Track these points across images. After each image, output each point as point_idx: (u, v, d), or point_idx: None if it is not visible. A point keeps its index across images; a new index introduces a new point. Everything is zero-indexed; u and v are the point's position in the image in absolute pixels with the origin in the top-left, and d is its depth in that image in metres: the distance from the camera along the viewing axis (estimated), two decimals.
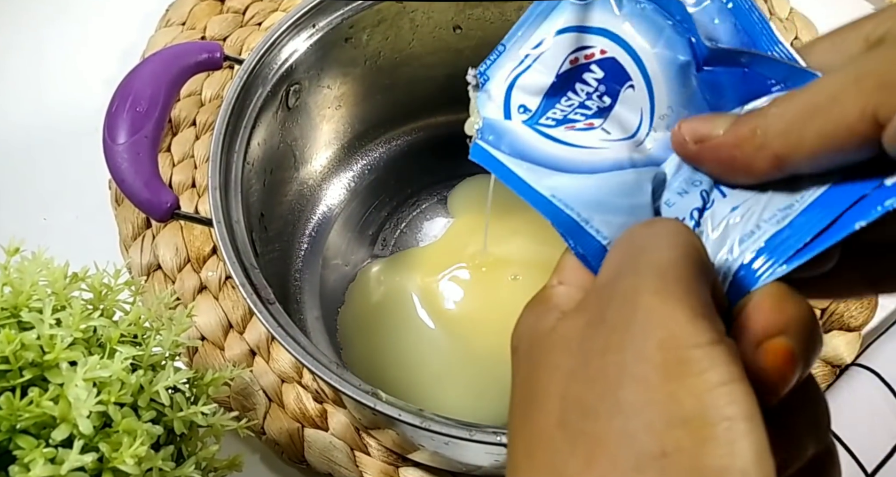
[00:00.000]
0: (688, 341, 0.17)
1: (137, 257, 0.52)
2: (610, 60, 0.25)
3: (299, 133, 0.48)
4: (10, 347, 0.27)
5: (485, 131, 0.25)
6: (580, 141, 0.25)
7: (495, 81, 0.26)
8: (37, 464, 0.25)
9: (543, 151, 0.24)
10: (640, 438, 0.17)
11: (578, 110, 0.26)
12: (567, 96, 0.26)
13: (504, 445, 0.32)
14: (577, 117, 0.26)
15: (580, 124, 0.25)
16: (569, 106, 0.26)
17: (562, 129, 0.25)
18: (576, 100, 0.26)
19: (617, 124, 0.25)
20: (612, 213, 0.23)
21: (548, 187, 0.23)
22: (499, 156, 0.25)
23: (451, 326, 0.49)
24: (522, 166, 0.24)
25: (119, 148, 0.38)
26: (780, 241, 0.21)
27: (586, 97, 0.26)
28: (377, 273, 0.52)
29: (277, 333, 0.34)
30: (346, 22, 0.45)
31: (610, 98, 0.26)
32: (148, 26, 0.62)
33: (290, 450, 0.46)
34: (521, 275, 0.50)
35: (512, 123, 0.26)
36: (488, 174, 0.25)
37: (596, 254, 0.22)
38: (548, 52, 0.26)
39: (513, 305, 0.48)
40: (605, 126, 0.25)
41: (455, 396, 0.47)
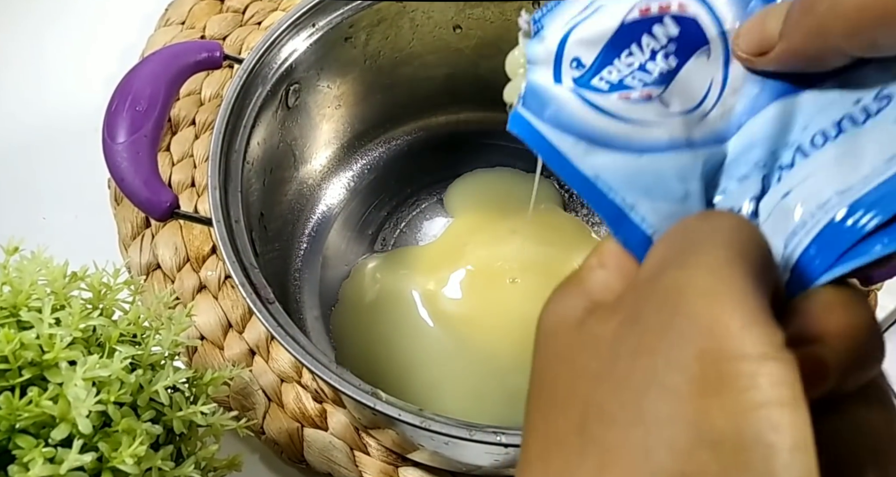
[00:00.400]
0: (734, 352, 0.15)
1: (137, 257, 0.52)
2: (688, 20, 0.22)
3: (299, 132, 0.48)
4: (9, 346, 0.27)
5: (527, 98, 0.22)
6: (634, 114, 0.22)
7: (551, 29, 0.23)
8: (36, 463, 0.25)
9: (591, 125, 0.22)
10: (658, 454, 0.15)
11: (638, 74, 0.23)
12: (629, 51, 0.23)
13: (504, 445, 0.32)
14: (634, 83, 0.23)
15: (636, 93, 0.22)
16: (628, 65, 0.23)
17: (614, 97, 0.22)
18: (638, 57, 0.23)
19: (679, 94, 0.23)
20: (661, 200, 0.21)
21: (591, 166, 0.21)
22: (540, 127, 0.22)
23: (449, 327, 0.49)
24: (566, 141, 0.21)
25: (118, 147, 0.38)
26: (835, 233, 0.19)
27: (650, 56, 0.23)
28: (372, 271, 0.51)
29: (277, 332, 0.34)
30: (346, 21, 0.45)
31: (677, 59, 0.23)
32: (147, 25, 0.62)
33: (290, 450, 0.46)
34: (520, 276, 0.50)
35: (559, 90, 0.23)
36: (484, 170, 0.23)
37: (639, 245, 0.20)
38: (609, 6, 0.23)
39: (511, 306, 0.49)
40: (663, 96, 0.23)
41: (451, 398, 0.46)
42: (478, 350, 0.48)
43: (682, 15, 0.22)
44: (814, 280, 0.19)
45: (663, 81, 0.23)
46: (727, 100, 0.22)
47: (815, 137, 0.21)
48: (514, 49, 0.24)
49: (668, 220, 0.20)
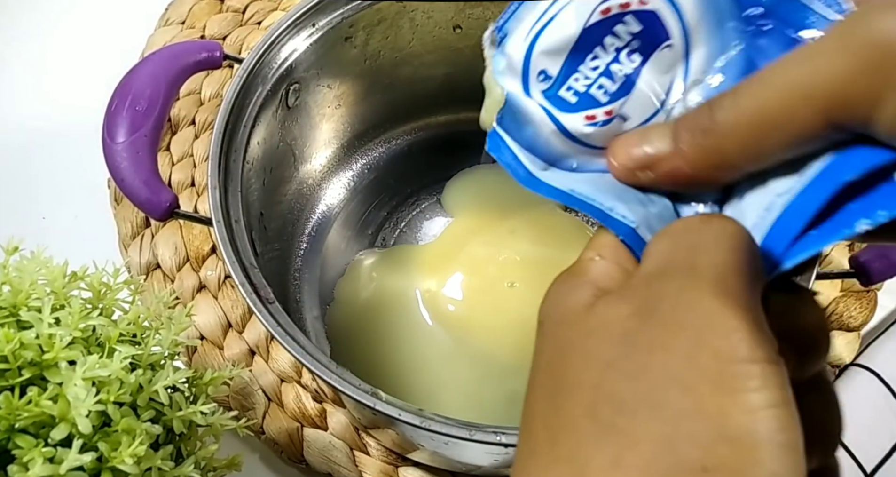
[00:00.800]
0: (746, 355, 0.16)
1: (136, 256, 0.52)
2: (649, 14, 0.22)
3: (299, 132, 0.48)
4: (9, 346, 0.27)
5: (505, 117, 0.23)
6: (597, 140, 0.23)
7: (514, 39, 0.23)
8: (36, 463, 0.25)
9: (561, 150, 0.23)
10: (680, 447, 0.16)
11: (602, 81, 0.23)
12: (594, 54, 0.23)
13: (504, 445, 0.32)
14: (599, 95, 0.23)
15: (600, 113, 0.23)
16: (594, 68, 0.23)
17: (581, 118, 0.23)
18: (602, 59, 0.23)
19: (638, 104, 0.23)
20: (633, 203, 0.22)
21: (564, 184, 0.23)
22: (515, 150, 0.23)
23: (447, 328, 0.49)
24: (538, 164, 0.23)
25: (118, 147, 0.38)
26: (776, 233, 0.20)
27: (614, 56, 0.23)
28: (368, 269, 0.51)
29: (277, 332, 0.34)
30: (346, 21, 0.45)
31: (641, 56, 0.23)
32: (147, 25, 0.62)
33: (290, 449, 0.46)
34: (518, 277, 0.50)
35: (533, 109, 0.23)
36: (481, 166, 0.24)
37: (629, 236, 0.21)
38: (575, 1, 0.23)
39: (508, 308, 0.49)
40: (623, 110, 0.23)
41: (449, 400, 0.46)
42: (476, 352, 0.48)
43: (643, 9, 0.22)
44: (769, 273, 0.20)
45: (625, 91, 0.23)
46: (688, 97, 0.23)
47: None
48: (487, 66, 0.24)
49: (647, 218, 0.22)
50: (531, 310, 0.22)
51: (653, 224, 0.22)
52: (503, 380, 0.47)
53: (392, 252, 0.52)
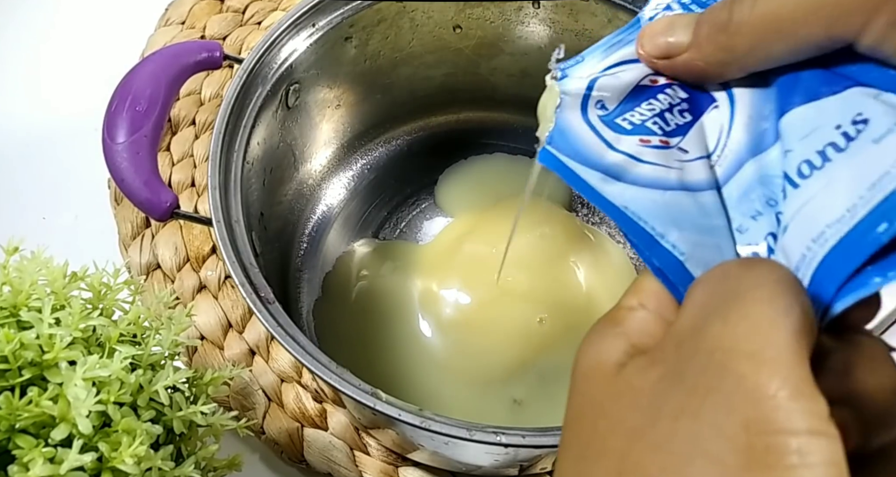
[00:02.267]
0: (782, 426, 0.15)
1: (137, 257, 0.52)
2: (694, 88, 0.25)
3: (299, 132, 0.48)
4: (9, 346, 0.27)
5: (555, 137, 0.24)
6: (653, 158, 0.23)
7: (573, 79, 0.25)
8: (36, 463, 0.25)
9: (615, 163, 0.23)
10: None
11: (657, 119, 0.24)
12: (649, 102, 0.25)
13: (504, 445, 0.32)
14: (654, 129, 0.24)
15: (655, 140, 0.24)
16: (649, 111, 0.25)
17: (635, 140, 0.24)
18: (657, 106, 0.25)
19: (696, 141, 0.24)
20: (689, 231, 0.21)
21: (619, 198, 0.22)
22: (568, 162, 0.23)
23: (443, 328, 0.48)
24: (593, 175, 0.23)
25: (118, 147, 0.38)
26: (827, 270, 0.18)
27: (668, 106, 0.25)
28: (360, 264, 0.51)
29: (277, 332, 0.34)
30: (346, 21, 0.45)
31: (692, 115, 0.25)
32: (147, 25, 0.62)
33: (290, 449, 0.46)
34: (518, 278, 0.50)
35: (584, 132, 0.24)
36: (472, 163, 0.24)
37: (674, 269, 0.21)
38: (629, 67, 0.25)
39: (509, 309, 0.48)
40: (682, 145, 0.24)
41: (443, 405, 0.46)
42: (474, 355, 0.48)
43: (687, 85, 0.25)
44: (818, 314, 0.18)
45: (681, 132, 0.24)
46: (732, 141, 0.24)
47: (801, 167, 0.21)
48: (543, 94, 0.26)
49: (698, 248, 0.21)
50: (531, 311, 0.21)
51: (706, 257, 0.21)
52: (503, 387, 0.46)
53: (386, 248, 0.52)
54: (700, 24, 0.23)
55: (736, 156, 0.23)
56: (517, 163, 0.55)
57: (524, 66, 0.52)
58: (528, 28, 0.49)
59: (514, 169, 0.55)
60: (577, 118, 0.24)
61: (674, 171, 0.23)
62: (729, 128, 0.24)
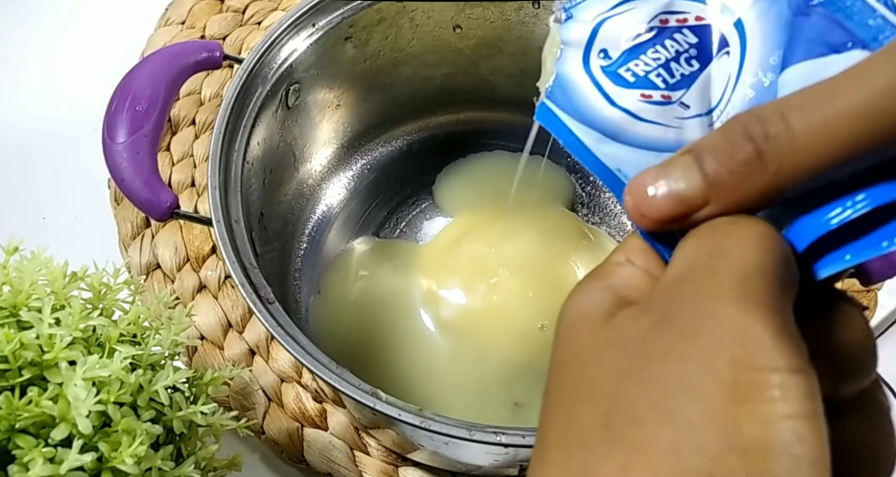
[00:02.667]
0: (765, 363, 0.16)
1: (137, 257, 0.52)
2: (706, 28, 0.23)
3: (299, 132, 0.48)
4: (9, 346, 0.27)
5: (554, 91, 0.23)
6: (653, 116, 0.23)
7: (580, 20, 0.24)
8: (36, 463, 0.25)
9: (613, 121, 0.23)
10: (688, 456, 0.15)
11: (661, 71, 0.23)
12: (655, 49, 0.23)
13: (504, 445, 0.32)
14: (657, 82, 0.23)
15: (657, 94, 0.23)
16: (654, 60, 0.23)
17: (636, 95, 0.23)
18: (663, 55, 0.23)
19: (699, 95, 0.23)
20: None
21: (614, 159, 0.22)
22: (565, 119, 0.23)
23: (443, 328, 0.48)
24: (590, 134, 0.22)
25: (118, 147, 0.38)
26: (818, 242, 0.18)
27: (674, 55, 0.23)
28: (356, 263, 0.51)
29: (277, 332, 0.34)
30: (346, 21, 0.45)
31: (699, 63, 0.23)
32: (147, 25, 0.62)
33: (290, 449, 0.46)
34: (518, 277, 0.50)
35: (586, 86, 0.23)
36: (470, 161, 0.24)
37: (663, 237, 0.21)
38: (638, 7, 0.24)
39: (509, 310, 0.48)
40: (684, 99, 0.23)
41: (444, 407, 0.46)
42: (477, 355, 0.47)
43: (699, 24, 0.23)
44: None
45: (685, 84, 0.23)
46: (738, 94, 0.23)
47: None
48: (548, 37, 0.25)
49: None
50: (531, 314, 0.21)
51: None
52: (503, 389, 0.46)
53: (385, 247, 0.52)
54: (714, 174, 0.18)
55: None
56: (517, 160, 0.55)
57: (524, 66, 0.52)
58: (528, 28, 0.49)
59: (514, 166, 0.55)
60: (578, 69, 0.23)
61: (672, 130, 0.22)
62: (736, 79, 0.23)
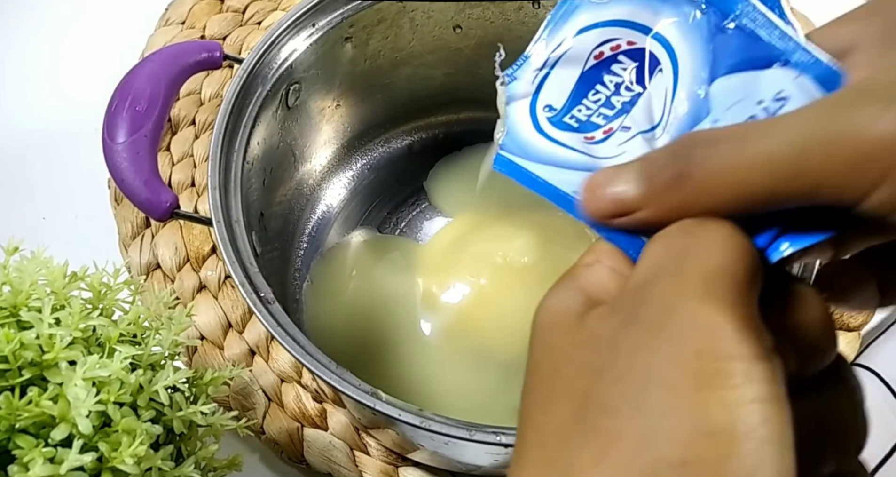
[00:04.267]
0: (728, 353, 0.16)
1: (137, 257, 0.52)
2: (639, 51, 0.25)
3: (299, 132, 0.48)
4: (9, 346, 0.27)
5: (506, 142, 0.26)
6: (599, 152, 0.25)
7: (522, 82, 0.27)
8: (36, 463, 0.25)
9: (564, 157, 0.25)
10: (659, 442, 0.16)
11: (602, 110, 0.25)
12: (595, 90, 0.26)
13: (504, 445, 0.32)
14: (599, 121, 0.25)
15: (599, 132, 0.25)
16: (595, 101, 0.26)
17: (581, 139, 0.25)
18: (603, 93, 0.25)
19: (641, 113, 0.25)
20: None
21: (569, 184, 0.24)
22: (520, 162, 0.25)
23: (438, 333, 0.48)
24: (545, 169, 0.24)
25: (118, 147, 0.38)
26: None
27: (614, 90, 0.25)
28: (353, 257, 0.51)
29: (277, 332, 0.34)
30: (346, 21, 0.45)
31: (639, 85, 0.25)
32: (147, 25, 0.62)
33: (290, 449, 0.46)
34: (519, 277, 0.50)
35: (532, 135, 0.26)
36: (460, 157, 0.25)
37: (630, 244, 0.22)
38: (571, 51, 0.26)
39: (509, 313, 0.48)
40: (625, 123, 0.25)
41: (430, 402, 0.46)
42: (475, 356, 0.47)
43: (631, 48, 0.25)
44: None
45: (625, 110, 0.25)
46: (677, 108, 0.24)
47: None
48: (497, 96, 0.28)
49: None
50: (531, 317, 0.22)
51: None
52: (504, 395, 0.46)
53: (384, 243, 0.52)
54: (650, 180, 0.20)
55: (678, 127, 0.23)
56: None
57: None
58: (528, 28, 0.49)
59: None
60: (526, 122, 0.26)
61: (618, 159, 0.24)
62: (673, 94, 0.24)
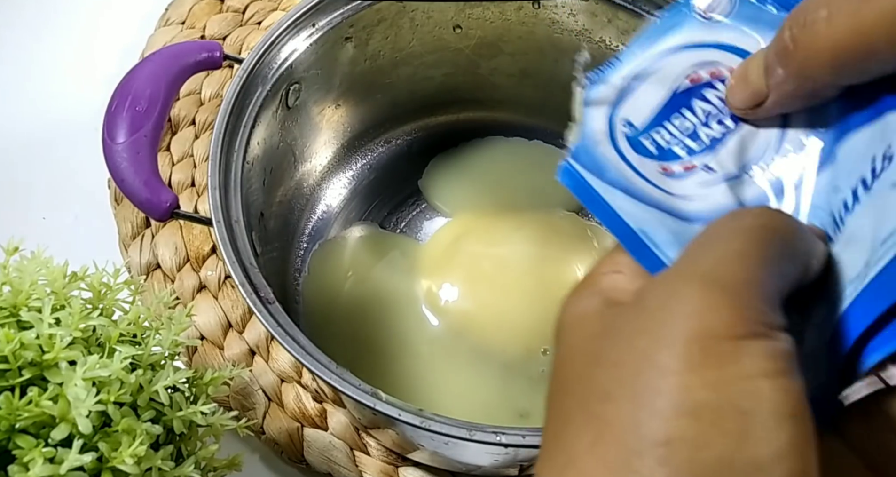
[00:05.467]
0: (723, 332, 0.17)
1: (137, 257, 0.52)
2: None
3: (299, 132, 0.48)
4: (9, 346, 0.27)
5: (578, 152, 0.23)
6: (674, 188, 0.23)
7: (604, 87, 0.24)
8: (36, 463, 0.25)
9: (636, 186, 0.22)
10: (646, 423, 0.17)
11: (687, 142, 0.23)
12: (682, 115, 0.23)
13: (504, 445, 0.32)
14: (681, 152, 0.23)
15: (678, 166, 0.23)
16: (680, 128, 0.23)
17: (656, 167, 0.23)
18: (691, 122, 0.23)
19: (731, 155, 0.23)
20: None
21: (637, 221, 0.21)
22: (590, 179, 0.22)
23: (434, 327, 0.48)
24: (614, 194, 0.22)
25: (118, 147, 0.38)
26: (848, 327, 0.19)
27: (704, 119, 0.23)
28: (351, 252, 0.51)
29: (277, 332, 0.34)
30: (346, 21, 0.45)
31: (734, 121, 0.23)
32: (147, 25, 0.62)
33: (290, 449, 0.46)
34: (519, 277, 0.49)
35: (608, 151, 0.23)
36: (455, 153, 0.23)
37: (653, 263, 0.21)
38: (665, 67, 0.23)
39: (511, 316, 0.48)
40: (710, 163, 0.23)
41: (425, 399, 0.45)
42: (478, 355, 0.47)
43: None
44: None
45: (712, 147, 0.23)
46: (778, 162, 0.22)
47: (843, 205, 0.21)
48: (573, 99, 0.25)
49: None
50: (533, 321, 0.22)
51: None
52: (509, 399, 0.45)
53: (383, 240, 0.52)
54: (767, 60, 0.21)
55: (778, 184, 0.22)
56: (512, 146, 0.55)
57: (524, 66, 0.52)
58: (528, 28, 0.49)
59: (508, 153, 0.54)
60: (602, 133, 0.23)
61: (695, 202, 0.22)
62: (778, 146, 0.23)
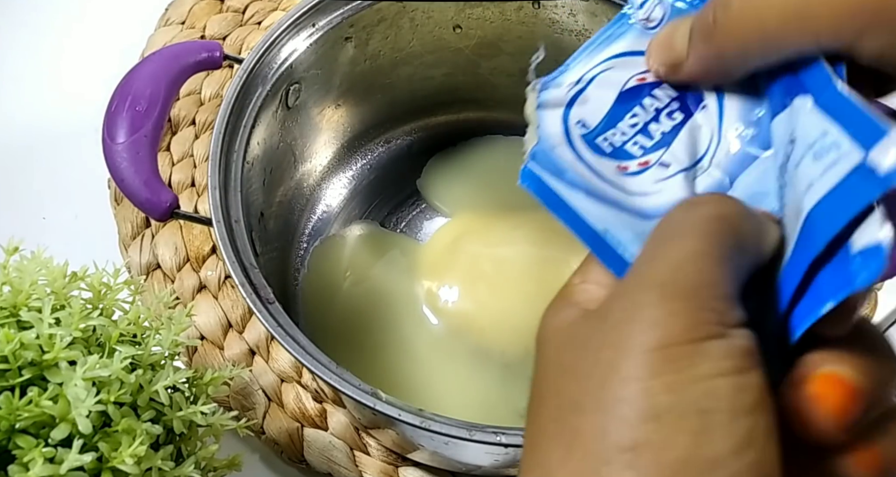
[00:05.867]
0: (682, 338, 0.17)
1: (137, 257, 0.52)
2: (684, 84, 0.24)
3: (299, 132, 0.48)
4: (9, 346, 0.27)
5: (537, 154, 0.23)
6: (632, 186, 0.23)
7: (555, 90, 0.25)
8: (36, 463, 0.25)
9: (597, 186, 0.23)
10: (613, 432, 0.17)
11: (640, 139, 0.24)
12: (633, 113, 0.24)
13: (504, 445, 0.32)
14: (635, 150, 0.24)
15: (633, 164, 0.24)
16: (632, 126, 0.24)
17: (613, 166, 0.23)
18: (641, 118, 0.24)
19: (683, 148, 0.24)
20: None
21: (601, 221, 0.22)
22: (550, 181, 0.23)
23: (434, 327, 0.48)
24: (576, 195, 0.22)
25: (118, 147, 0.38)
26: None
27: (654, 115, 0.24)
28: (350, 251, 0.51)
29: (277, 332, 0.34)
30: (346, 21, 0.45)
31: (682, 114, 0.24)
32: (147, 25, 0.62)
33: (290, 449, 0.46)
34: (519, 277, 0.50)
35: (565, 152, 0.24)
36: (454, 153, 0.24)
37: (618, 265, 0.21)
38: (612, 72, 0.25)
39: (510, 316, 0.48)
40: (664, 159, 0.24)
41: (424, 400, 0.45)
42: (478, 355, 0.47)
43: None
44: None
45: (665, 142, 0.24)
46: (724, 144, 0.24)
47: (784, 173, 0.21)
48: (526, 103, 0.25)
49: None
50: (532, 321, 0.22)
51: None
52: (508, 398, 0.45)
53: (383, 238, 0.52)
54: (692, 32, 0.23)
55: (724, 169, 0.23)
56: (511, 145, 0.55)
57: (524, 66, 0.51)
58: (528, 28, 0.49)
59: (507, 152, 0.54)
60: (558, 134, 0.24)
61: (652, 197, 0.23)
62: (719, 135, 0.24)
